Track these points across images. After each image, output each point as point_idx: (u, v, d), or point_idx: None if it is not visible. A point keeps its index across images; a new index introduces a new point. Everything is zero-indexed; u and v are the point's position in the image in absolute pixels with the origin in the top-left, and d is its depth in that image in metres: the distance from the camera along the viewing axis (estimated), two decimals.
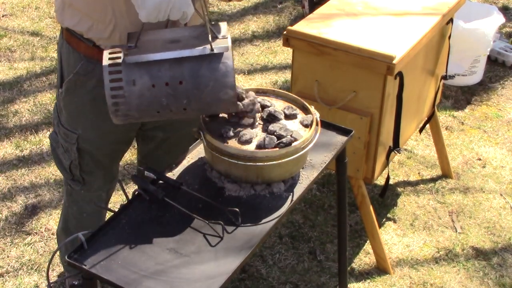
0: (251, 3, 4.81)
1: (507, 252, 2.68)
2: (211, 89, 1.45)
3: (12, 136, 3.30)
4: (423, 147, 3.30)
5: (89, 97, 1.80)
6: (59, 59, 1.87)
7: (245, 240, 1.48)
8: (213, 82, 1.44)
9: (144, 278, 1.37)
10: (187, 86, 1.45)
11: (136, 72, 1.45)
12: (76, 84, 1.80)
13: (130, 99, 1.46)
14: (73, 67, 1.80)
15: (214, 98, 1.47)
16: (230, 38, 1.48)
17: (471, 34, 3.51)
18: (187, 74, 1.45)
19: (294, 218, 2.83)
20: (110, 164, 2.02)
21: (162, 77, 1.45)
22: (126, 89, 1.45)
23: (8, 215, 2.80)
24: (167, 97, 1.46)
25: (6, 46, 4.13)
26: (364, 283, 2.54)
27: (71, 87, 1.82)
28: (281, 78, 3.89)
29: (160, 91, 1.46)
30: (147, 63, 1.45)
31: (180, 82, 1.45)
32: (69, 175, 2.00)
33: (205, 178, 1.68)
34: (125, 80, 1.45)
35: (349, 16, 2.37)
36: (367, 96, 2.20)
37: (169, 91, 1.45)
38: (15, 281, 2.50)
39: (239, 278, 2.52)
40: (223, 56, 1.45)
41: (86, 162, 1.94)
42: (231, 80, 1.45)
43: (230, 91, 1.45)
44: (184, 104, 1.47)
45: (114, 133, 1.85)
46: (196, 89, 1.45)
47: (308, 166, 1.73)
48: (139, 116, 1.51)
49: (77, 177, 1.98)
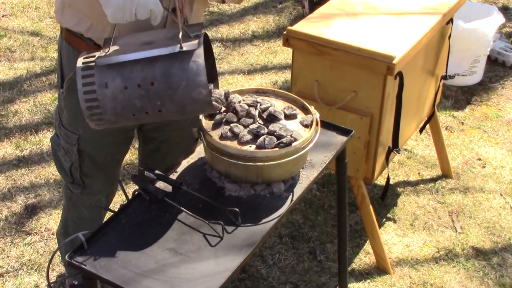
0: (251, 3, 4.81)
1: (507, 252, 2.68)
2: (184, 89, 1.43)
3: (12, 136, 3.30)
4: (423, 147, 3.30)
5: None
6: (59, 59, 1.87)
7: (245, 240, 1.48)
8: (186, 81, 1.42)
9: (144, 278, 1.37)
10: (159, 86, 1.43)
11: (109, 75, 1.44)
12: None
13: (104, 103, 1.44)
14: (74, 66, 1.79)
15: (188, 98, 1.45)
16: (202, 38, 1.46)
17: (471, 34, 3.51)
18: (159, 74, 1.43)
19: (294, 218, 2.83)
20: (110, 167, 2.01)
21: (134, 78, 1.43)
22: (99, 92, 1.44)
23: (8, 215, 2.80)
24: (141, 99, 1.44)
25: (6, 46, 4.13)
26: (364, 283, 2.54)
27: (72, 86, 1.82)
28: (281, 78, 3.89)
29: (133, 93, 1.44)
30: (120, 66, 1.44)
31: (152, 83, 1.43)
32: (69, 178, 2.00)
33: (205, 178, 1.68)
34: (97, 83, 1.44)
35: (349, 16, 2.37)
36: (367, 96, 2.20)
37: (142, 93, 1.44)
38: (15, 281, 2.50)
39: (239, 278, 2.52)
40: (194, 54, 1.43)
41: (86, 164, 1.94)
42: (203, 79, 1.42)
43: (203, 90, 1.43)
44: (158, 105, 1.45)
45: (113, 133, 1.85)
46: (169, 89, 1.43)
47: (308, 166, 1.73)
48: (116, 120, 1.49)
49: (77, 180, 1.98)
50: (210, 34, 4.38)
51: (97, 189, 2.03)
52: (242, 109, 1.65)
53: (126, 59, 1.44)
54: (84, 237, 1.44)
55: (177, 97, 1.44)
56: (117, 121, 1.50)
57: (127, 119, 1.49)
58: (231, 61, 4.08)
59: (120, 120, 1.49)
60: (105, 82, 1.44)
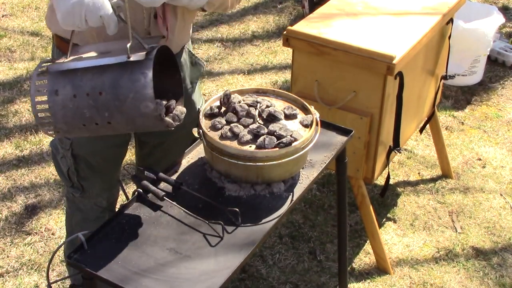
0: (251, 3, 4.81)
1: (507, 252, 2.68)
2: (132, 101, 1.37)
3: (12, 136, 3.30)
4: (423, 147, 3.30)
5: None
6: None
7: (245, 240, 1.48)
8: (133, 93, 1.37)
9: (143, 278, 1.37)
10: (107, 97, 1.38)
11: (60, 82, 1.41)
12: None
13: (54, 110, 1.41)
14: None
15: (136, 111, 1.39)
16: (155, 50, 1.40)
17: (471, 34, 3.51)
18: (107, 84, 1.39)
19: (294, 218, 2.83)
20: (107, 170, 1.99)
21: (84, 87, 1.40)
22: (50, 99, 1.41)
23: (8, 215, 2.80)
24: (89, 109, 1.40)
25: (6, 46, 4.13)
26: (364, 283, 2.54)
27: None
28: (281, 78, 3.89)
29: (82, 102, 1.40)
30: (73, 73, 1.41)
31: (100, 93, 1.39)
32: (69, 182, 1.99)
33: (205, 178, 1.68)
34: (48, 90, 1.41)
35: (349, 16, 2.37)
36: (367, 96, 2.20)
37: (91, 102, 1.39)
38: (15, 281, 2.50)
39: (239, 278, 2.52)
40: (144, 66, 1.37)
41: (82, 168, 1.93)
42: (150, 92, 1.36)
43: (150, 104, 1.36)
44: (107, 117, 1.40)
45: (106, 137, 1.84)
46: (116, 100, 1.38)
47: (308, 166, 1.73)
48: (67, 129, 1.45)
49: (75, 184, 1.97)
50: (210, 34, 4.39)
51: (96, 192, 2.02)
52: (242, 109, 1.65)
53: (77, 66, 1.40)
54: (84, 237, 1.44)
55: (125, 109, 1.38)
56: (69, 130, 1.46)
57: (79, 129, 1.45)
58: (231, 61, 4.08)
59: (72, 129, 1.45)
60: (56, 89, 1.41)
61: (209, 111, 1.68)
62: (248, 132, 1.60)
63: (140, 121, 1.40)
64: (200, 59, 1.98)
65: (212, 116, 1.67)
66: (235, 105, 1.66)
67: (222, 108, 1.69)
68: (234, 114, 1.65)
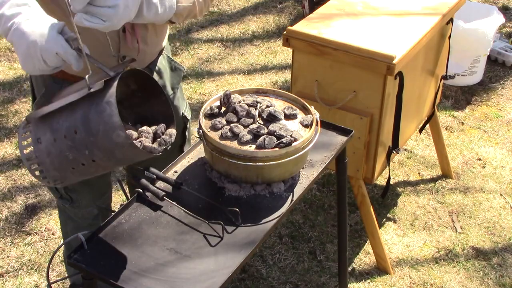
0: (251, 3, 4.81)
1: (507, 252, 2.68)
2: (103, 134, 1.29)
3: (12, 136, 3.30)
4: (423, 147, 3.30)
5: None
6: (30, 81, 1.82)
7: (245, 240, 1.48)
8: (103, 125, 1.29)
9: (144, 278, 1.37)
10: (82, 134, 1.32)
11: (41, 129, 1.36)
12: (44, 105, 1.76)
13: (42, 159, 1.37)
14: (41, 87, 1.76)
15: (111, 143, 1.31)
16: (118, 76, 1.32)
17: (471, 34, 3.51)
18: (79, 121, 1.32)
19: (294, 218, 2.83)
20: (95, 181, 1.89)
21: (61, 129, 1.34)
22: (35, 148, 1.37)
23: (8, 215, 2.80)
24: (70, 150, 1.34)
25: (6, 46, 4.13)
26: (364, 283, 2.54)
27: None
28: (281, 78, 3.89)
29: (62, 145, 1.34)
30: (50, 118, 1.35)
31: (75, 131, 1.32)
32: (57, 194, 1.96)
33: (205, 178, 1.68)
34: (32, 140, 1.37)
35: (349, 16, 2.37)
36: (367, 96, 2.20)
37: (69, 143, 1.33)
38: (15, 281, 2.50)
39: (239, 278, 2.52)
40: (107, 95, 1.29)
41: None
42: (117, 121, 1.28)
43: (121, 133, 1.28)
44: (88, 155, 1.34)
45: None
46: (91, 136, 1.30)
47: (308, 166, 1.73)
48: (62, 176, 1.40)
49: (64, 195, 1.94)
50: (210, 34, 4.39)
51: (86, 202, 1.98)
52: (242, 109, 1.65)
53: (49, 109, 1.34)
54: (84, 237, 1.44)
55: (100, 143, 1.31)
56: (64, 176, 1.40)
57: (72, 173, 1.39)
58: (231, 61, 4.08)
59: (66, 175, 1.40)
60: (38, 137, 1.36)
61: (209, 111, 1.68)
62: (248, 132, 1.60)
63: (119, 153, 1.33)
64: (179, 64, 1.94)
65: (212, 116, 1.67)
66: (235, 105, 1.66)
67: (222, 108, 1.68)
68: (234, 114, 1.65)
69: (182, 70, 1.95)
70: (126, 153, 1.31)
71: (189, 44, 4.26)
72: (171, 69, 1.90)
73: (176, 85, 1.93)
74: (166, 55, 1.88)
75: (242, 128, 1.60)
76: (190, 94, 3.73)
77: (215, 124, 1.63)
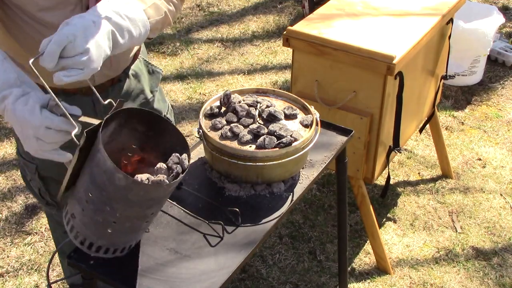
0: (251, 3, 4.81)
1: (507, 252, 2.68)
2: (109, 183, 1.25)
3: (12, 136, 3.30)
4: (423, 147, 3.30)
5: None
6: None
7: (245, 240, 1.48)
8: (104, 175, 1.25)
9: (144, 278, 1.36)
10: (95, 193, 1.29)
11: (72, 204, 1.36)
12: None
13: (83, 231, 1.36)
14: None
15: (119, 190, 1.25)
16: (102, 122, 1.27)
17: (471, 34, 3.52)
18: (89, 181, 1.29)
19: (294, 218, 2.83)
20: None
21: (82, 197, 1.32)
22: (75, 224, 1.36)
23: (8, 215, 2.80)
24: (96, 213, 1.31)
25: None
26: (364, 283, 2.54)
27: None
28: (281, 78, 3.89)
29: (89, 212, 1.32)
30: (74, 191, 1.34)
31: (90, 193, 1.29)
32: (43, 201, 1.89)
33: (205, 178, 1.68)
34: (69, 216, 1.37)
35: (349, 16, 2.37)
36: (367, 96, 2.20)
37: (92, 207, 1.31)
38: (15, 281, 2.50)
39: (239, 278, 2.52)
40: (96, 143, 1.25)
41: (53, 188, 1.81)
42: (109, 164, 1.22)
43: (118, 175, 1.23)
44: (110, 211, 1.30)
45: None
46: (102, 191, 1.27)
47: (308, 166, 1.73)
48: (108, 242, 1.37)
49: (50, 202, 1.88)
50: (210, 34, 4.39)
51: None
52: (242, 109, 1.65)
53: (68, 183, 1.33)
54: None
55: (112, 195, 1.27)
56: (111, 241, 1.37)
57: (115, 236, 1.36)
58: (231, 61, 4.08)
59: (112, 239, 1.37)
60: (72, 213, 1.36)
61: (209, 111, 1.68)
62: (248, 132, 1.59)
63: (133, 196, 1.27)
64: (156, 66, 1.89)
65: (212, 116, 1.67)
66: (235, 105, 1.66)
67: (222, 108, 1.68)
68: (234, 114, 1.65)
69: (160, 73, 1.91)
70: (139, 193, 1.26)
71: (189, 44, 4.26)
72: (148, 72, 1.85)
73: (154, 88, 1.89)
74: (143, 58, 1.83)
75: (242, 128, 1.60)
76: (190, 94, 3.73)
77: (215, 124, 1.63)
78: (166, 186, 1.30)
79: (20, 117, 1.29)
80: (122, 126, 1.36)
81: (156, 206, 1.32)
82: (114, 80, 1.67)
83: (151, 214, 1.30)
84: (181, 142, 1.41)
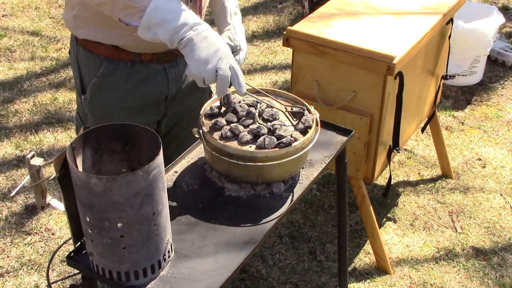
0: (251, 3, 4.81)
1: (507, 252, 2.68)
2: (91, 196, 1.24)
3: (12, 136, 3.30)
4: (423, 147, 3.30)
5: (116, 96, 1.81)
6: (76, 66, 1.84)
7: (245, 240, 1.48)
8: (84, 190, 1.24)
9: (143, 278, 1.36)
10: (89, 214, 1.28)
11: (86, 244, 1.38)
12: (102, 86, 1.80)
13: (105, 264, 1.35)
14: (95, 70, 1.79)
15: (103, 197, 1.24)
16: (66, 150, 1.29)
17: (471, 34, 3.52)
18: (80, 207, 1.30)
19: (294, 218, 2.83)
20: None
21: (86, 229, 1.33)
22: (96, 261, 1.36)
23: (8, 215, 2.80)
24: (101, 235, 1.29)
25: (6, 46, 4.13)
26: (364, 283, 2.54)
27: (97, 90, 1.81)
28: (281, 78, 3.89)
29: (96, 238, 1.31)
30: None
31: (87, 218, 1.29)
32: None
33: (205, 178, 1.68)
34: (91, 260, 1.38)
35: (349, 16, 2.37)
36: (367, 96, 2.20)
37: (95, 231, 1.30)
38: (15, 281, 2.50)
39: (239, 278, 2.52)
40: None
41: None
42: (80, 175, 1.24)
43: (94, 180, 1.22)
44: (109, 224, 1.27)
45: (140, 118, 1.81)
46: (92, 207, 1.26)
47: (308, 166, 1.73)
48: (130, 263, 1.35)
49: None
50: None
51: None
52: (242, 109, 1.65)
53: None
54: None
55: (100, 206, 1.25)
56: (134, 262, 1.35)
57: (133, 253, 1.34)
58: None
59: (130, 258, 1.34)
60: (90, 251, 1.37)
61: (209, 111, 1.68)
62: (248, 132, 1.60)
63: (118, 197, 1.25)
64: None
65: (212, 116, 1.67)
66: (235, 105, 1.66)
67: (222, 108, 1.69)
68: (234, 114, 1.65)
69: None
70: (120, 190, 1.23)
71: None
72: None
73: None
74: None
75: (242, 128, 1.61)
76: None
77: (215, 124, 1.63)
78: (142, 172, 1.24)
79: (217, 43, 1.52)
80: (100, 152, 1.35)
81: (149, 201, 1.27)
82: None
83: (152, 214, 1.30)
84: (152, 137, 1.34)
